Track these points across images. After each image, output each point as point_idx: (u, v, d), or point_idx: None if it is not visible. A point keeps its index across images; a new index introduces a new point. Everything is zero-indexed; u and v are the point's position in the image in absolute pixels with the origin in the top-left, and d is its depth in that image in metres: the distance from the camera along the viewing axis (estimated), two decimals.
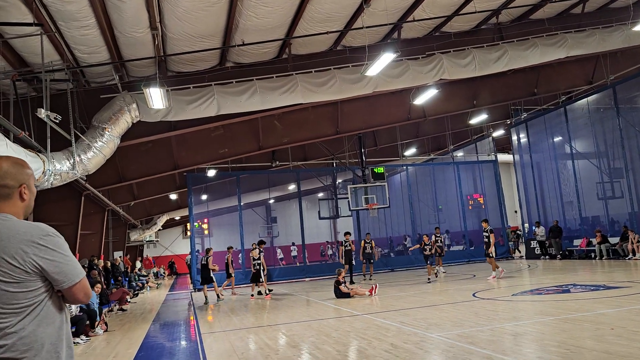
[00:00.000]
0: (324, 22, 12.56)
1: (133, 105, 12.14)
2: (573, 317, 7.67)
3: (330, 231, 34.55)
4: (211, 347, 8.06)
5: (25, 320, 1.92)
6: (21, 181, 2.10)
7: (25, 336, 1.91)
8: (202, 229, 30.70)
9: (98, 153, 11.80)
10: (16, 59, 10.73)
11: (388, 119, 19.64)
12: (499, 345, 6.21)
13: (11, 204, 2.07)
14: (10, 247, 1.93)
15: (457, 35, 15.44)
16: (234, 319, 11.17)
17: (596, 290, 10.58)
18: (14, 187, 2.08)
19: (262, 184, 26.45)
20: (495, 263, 15.06)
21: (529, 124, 23.87)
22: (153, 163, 18.47)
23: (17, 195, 2.09)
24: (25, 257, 1.93)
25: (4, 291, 1.91)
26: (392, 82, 13.68)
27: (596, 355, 5.31)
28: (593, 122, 20.77)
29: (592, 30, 15.47)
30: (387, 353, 6.34)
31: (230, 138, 18.42)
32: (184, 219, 37.23)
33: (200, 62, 13.36)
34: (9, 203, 2.06)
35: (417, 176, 27.88)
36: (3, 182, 2.06)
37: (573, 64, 19.78)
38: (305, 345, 7.46)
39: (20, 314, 1.92)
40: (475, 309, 9.50)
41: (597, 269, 15.58)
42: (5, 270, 1.91)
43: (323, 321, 9.73)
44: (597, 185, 20.80)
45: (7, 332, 1.89)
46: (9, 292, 1.91)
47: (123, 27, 10.55)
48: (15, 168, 2.11)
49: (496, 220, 25.88)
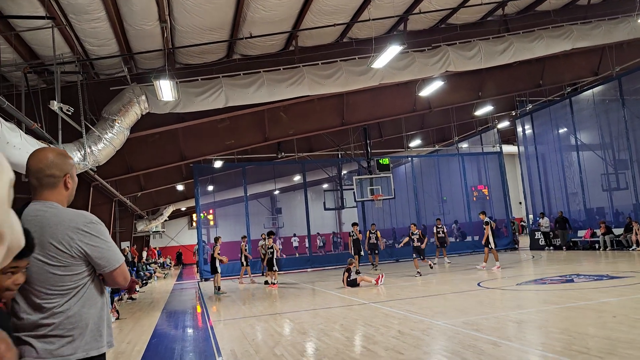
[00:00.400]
0: (330, 15, 12.64)
1: (142, 97, 12.29)
2: (576, 306, 7.82)
3: (336, 222, 34.74)
4: (222, 333, 8.27)
5: (71, 302, 2.08)
6: (65, 171, 2.24)
7: (71, 316, 2.07)
8: (207, 220, 30.98)
9: (108, 144, 11.97)
10: (27, 51, 10.88)
11: (393, 110, 19.71)
12: (503, 332, 6.38)
13: (57, 193, 2.21)
14: (57, 233, 2.07)
15: (463, 27, 15.49)
16: (243, 308, 11.38)
17: (599, 280, 10.72)
18: (59, 176, 2.21)
19: (268, 175, 26.63)
20: (496, 254, 15.19)
21: (534, 116, 23.89)
22: (160, 154, 18.63)
23: (62, 185, 2.23)
24: (71, 242, 2.08)
25: (52, 274, 2.06)
26: (398, 74, 13.76)
27: (598, 341, 5.47)
28: (598, 114, 20.78)
29: (598, 22, 15.48)
30: (394, 339, 6.51)
31: (237, 129, 18.55)
32: (190, 210, 37.52)
33: (208, 55, 13.47)
34: (54, 191, 2.20)
35: (422, 167, 27.97)
36: (50, 172, 2.19)
37: (579, 56, 19.76)
38: (313, 332, 7.64)
39: (66, 296, 2.08)
40: (480, 298, 9.67)
41: (600, 260, 15.71)
42: (53, 254, 2.06)
43: (331, 309, 9.92)
44: (602, 176, 20.83)
45: (55, 312, 2.05)
46: (57, 275, 2.06)
47: (132, 20, 10.67)
48: (60, 158, 2.24)
49: (501, 212, 26.01)
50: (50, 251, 2.06)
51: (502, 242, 24.63)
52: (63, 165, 2.24)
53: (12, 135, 8.35)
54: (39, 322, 2.03)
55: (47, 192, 2.19)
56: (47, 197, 2.18)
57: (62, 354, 2.03)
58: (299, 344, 6.91)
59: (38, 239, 2.02)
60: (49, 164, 2.19)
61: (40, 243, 2.04)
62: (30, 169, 2.19)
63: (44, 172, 2.18)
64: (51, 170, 2.19)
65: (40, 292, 2.04)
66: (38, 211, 2.12)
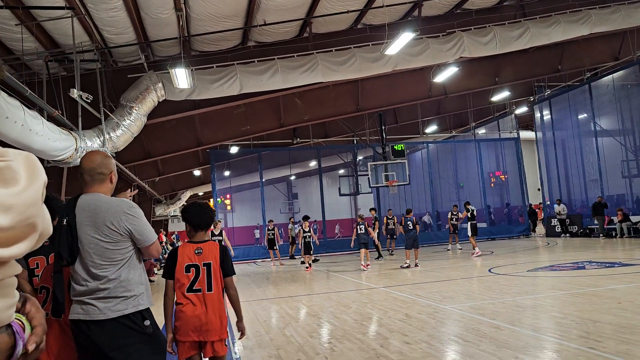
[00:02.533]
0: (344, 1, 12.67)
1: (159, 84, 12.54)
2: (583, 292, 7.91)
3: (351, 208, 34.90)
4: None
5: (121, 270, 2.66)
6: (111, 169, 2.83)
7: (122, 281, 2.65)
8: (224, 205, 31.41)
9: (126, 131, 12.27)
10: (48, 40, 11.18)
11: (409, 96, 19.70)
12: (507, 317, 6.51)
13: (104, 186, 2.79)
14: (109, 216, 2.65)
15: (478, 13, 15.36)
16: (257, 290, 11.67)
17: (611, 267, 10.74)
18: (106, 174, 2.80)
19: (283, 160, 26.83)
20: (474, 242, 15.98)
21: (552, 101, 23.60)
22: (177, 140, 18.96)
23: (108, 180, 2.82)
24: (120, 223, 2.66)
25: (105, 249, 2.64)
26: (412, 60, 13.77)
27: (599, 327, 5.58)
28: (618, 99, 20.45)
29: (617, 6, 15.22)
30: (401, 322, 6.70)
31: (252, 116, 18.75)
32: (207, 195, 37.98)
33: (223, 42, 13.63)
34: (102, 185, 2.79)
35: (438, 153, 27.90)
36: (100, 170, 2.77)
37: (599, 40, 19.43)
38: (324, 315, 7.87)
39: (117, 265, 2.66)
40: (489, 284, 9.79)
41: (616, 247, 15.63)
42: (107, 233, 2.64)
43: (342, 293, 10.14)
44: (621, 163, 20.59)
45: (110, 278, 2.63)
46: (109, 249, 2.64)
47: (149, 9, 10.87)
48: (107, 160, 2.83)
49: (517, 198, 25.91)
50: (105, 231, 2.63)
51: (519, 229, 24.62)
52: (109, 164, 2.82)
53: (34, 123, 8.66)
54: (97, 287, 2.60)
55: (96, 185, 2.77)
56: (96, 189, 2.77)
57: (118, 309, 2.60)
58: (309, 325, 7.15)
59: (93, 222, 2.63)
60: (99, 164, 2.78)
61: (95, 225, 2.63)
62: (84, 168, 2.77)
63: (95, 171, 2.76)
64: (101, 169, 2.78)
65: (97, 264, 2.62)
66: (91, 201, 2.70)
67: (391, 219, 19.10)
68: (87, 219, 2.64)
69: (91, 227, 2.62)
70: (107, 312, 2.58)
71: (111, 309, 2.58)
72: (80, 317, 2.59)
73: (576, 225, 21.54)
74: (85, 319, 2.58)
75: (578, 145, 22.62)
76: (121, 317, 2.59)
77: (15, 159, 0.87)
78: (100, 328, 2.57)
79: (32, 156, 0.93)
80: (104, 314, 2.57)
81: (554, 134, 23.92)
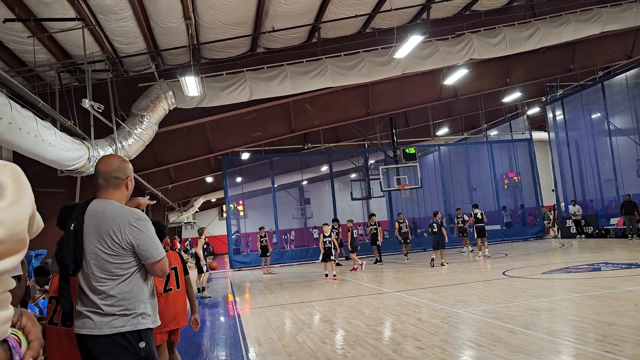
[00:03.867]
0: (352, 6, 12.68)
1: (169, 92, 12.63)
2: (599, 294, 7.79)
3: (363, 212, 34.81)
4: (248, 321, 8.56)
5: (120, 286, 2.46)
6: (127, 174, 2.65)
7: (122, 298, 2.46)
8: (237, 211, 31.51)
9: (138, 139, 12.37)
10: (60, 51, 11.32)
11: (419, 99, 19.62)
12: (521, 320, 6.43)
13: (119, 192, 2.61)
14: (112, 226, 2.45)
15: (487, 14, 15.28)
16: (270, 297, 11.68)
17: (628, 268, 10.58)
18: (122, 179, 2.62)
19: (295, 166, 26.87)
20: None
21: (564, 101, 23.36)
22: (189, 148, 19.07)
23: (124, 185, 2.64)
24: (123, 235, 2.44)
25: (106, 261, 2.45)
26: (422, 63, 13.72)
27: (615, 329, 5.48)
28: (632, 97, 20.18)
29: (629, 3, 15.03)
30: (413, 327, 6.65)
31: (263, 122, 18.81)
32: (220, 201, 38.15)
33: (232, 49, 13.71)
34: (117, 191, 2.61)
35: (450, 156, 27.74)
36: (116, 175, 2.59)
37: (611, 38, 19.21)
38: (337, 320, 7.85)
39: (116, 280, 2.46)
40: (503, 287, 9.69)
41: (633, 248, 15.39)
42: (109, 244, 2.44)
43: (354, 298, 10.11)
44: (637, 162, 20.30)
45: (109, 294, 2.45)
46: (109, 262, 2.45)
47: (158, 18, 10.97)
48: (124, 164, 2.65)
49: (531, 199, 25.66)
50: (107, 241, 2.45)
51: (532, 231, 24.37)
52: (126, 169, 2.65)
53: (47, 133, 8.77)
54: (96, 301, 2.44)
55: (111, 191, 2.59)
56: (110, 195, 2.59)
57: (114, 326, 2.44)
58: (321, 331, 7.12)
59: (97, 230, 2.45)
60: (115, 167, 2.60)
61: (98, 233, 2.45)
62: (100, 171, 2.60)
63: (111, 175, 2.58)
64: (117, 173, 2.60)
65: (96, 276, 2.45)
66: (100, 207, 2.52)
67: (403, 223, 19.03)
68: (93, 227, 2.47)
69: (95, 236, 2.45)
70: (102, 328, 2.43)
71: (107, 324, 2.43)
72: (78, 330, 2.48)
73: (591, 226, 21.26)
74: (82, 333, 2.45)
75: (592, 145, 22.35)
76: (116, 335, 2.43)
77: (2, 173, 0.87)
78: (94, 343, 2.43)
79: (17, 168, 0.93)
80: (99, 329, 2.43)
81: (567, 134, 23.66)
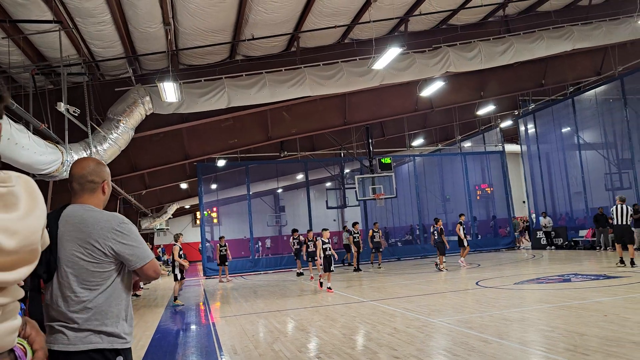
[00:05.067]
0: (332, 16, 12.80)
1: (146, 98, 12.49)
2: (570, 305, 7.99)
3: (338, 221, 34.92)
4: (223, 329, 8.48)
5: (99, 297, 2.30)
6: (104, 178, 2.52)
7: (100, 311, 2.29)
8: (211, 218, 31.22)
9: (113, 144, 12.19)
10: (35, 53, 11.10)
11: (395, 109, 19.85)
12: (495, 330, 6.55)
13: (95, 197, 2.48)
14: (95, 232, 2.30)
15: (463, 28, 15.60)
16: (244, 305, 11.60)
17: (596, 279, 10.87)
18: (98, 182, 2.49)
19: (271, 173, 26.84)
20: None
21: (536, 115, 23.98)
22: (164, 153, 18.87)
23: (100, 190, 2.50)
24: (106, 241, 2.30)
25: (85, 269, 2.29)
26: (399, 75, 13.90)
27: (586, 339, 5.64)
28: (601, 113, 20.86)
29: (599, 22, 15.55)
30: (389, 336, 6.71)
31: (240, 129, 18.75)
32: (194, 208, 37.79)
33: (211, 56, 13.67)
34: (93, 196, 2.47)
35: (425, 166, 28.12)
36: (91, 178, 2.46)
37: (582, 55, 19.82)
38: (312, 329, 7.85)
39: (95, 291, 2.30)
40: (477, 297, 9.84)
41: (601, 259, 15.81)
42: (90, 252, 2.29)
43: (330, 307, 10.12)
44: (605, 176, 20.92)
45: (87, 307, 2.27)
46: (89, 270, 2.29)
47: (137, 23, 10.88)
48: (100, 167, 2.52)
49: (503, 211, 26.15)
50: (88, 248, 2.29)
51: (504, 241, 24.83)
52: (102, 172, 2.52)
53: (20, 136, 8.58)
54: (70, 314, 2.25)
55: (86, 195, 2.46)
56: (86, 200, 2.45)
57: (90, 342, 2.26)
58: (298, 340, 7.12)
59: (76, 237, 2.28)
60: (90, 171, 2.47)
61: (78, 240, 2.28)
62: (74, 175, 2.46)
63: (85, 178, 2.45)
64: (92, 176, 2.47)
65: (73, 287, 2.26)
66: (77, 212, 2.36)
67: (377, 232, 19.25)
68: (70, 233, 2.29)
69: (73, 242, 2.27)
70: (77, 344, 2.23)
71: (82, 340, 2.24)
72: (49, 346, 2.19)
73: (561, 237, 21.78)
74: (53, 349, 2.21)
75: (562, 159, 22.97)
76: (92, 351, 2.25)
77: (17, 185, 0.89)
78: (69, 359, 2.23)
79: (31, 181, 0.95)
80: (74, 345, 2.23)
81: (538, 147, 24.27)
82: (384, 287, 12.99)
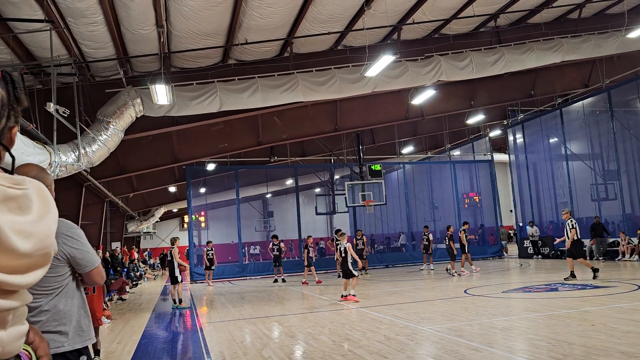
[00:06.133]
0: (325, 23, 12.84)
1: (137, 100, 12.41)
2: (558, 314, 8.03)
3: (327, 227, 34.89)
4: (211, 335, 8.40)
5: (55, 300, 2.34)
6: (48, 183, 2.38)
7: (56, 313, 2.33)
8: (199, 222, 31.01)
9: (102, 146, 12.08)
10: (24, 52, 10.99)
11: (386, 117, 19.95)
12: (485, 338, 6.56)
13: None
14: None
15: (455, 38, 15.74)
16: (232, 310, 11.50)
17: (583, 289, 10.95)
18: None
19: (260, 178, 26.76)
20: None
21: (525, 125, 24.20)
22: (153, 156, 18.75)
23: None
24: (58, 246, 2.20)
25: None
26: (391, 82, 13.97)
27: (574, 349, 5.66)
28: (588, 125, 21.10)
29: (588, 35, 15.78)
30: (380, 344, 6.68)
31: (230, 133, 18.71)
32: (181, 212, 37.53)
33: (203, 59, 13.63)
34: None
35: (414, 174, 28.23)
36: None
37: (570, 67, 20.09)
38: (302, 336, 7.80)
39: (51, 295, 2.34)
40: (465, 305, 9.85)
41: (587, 269, 15.92)
42: None
43: (319, 313, 10.07)
44: (591, 186, 21.14)
45: (42, 310, 2.30)
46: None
47: (130, 24, 10.82)
48: (43, 173, 2.46)
49: (491, 219, 26.31)
50: None
51: (492, 250, 24.96)
52: (44, 179, 2.39)
53: None
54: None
55: None
56: None
57: (52, 346, 2.21)
58: (287, 346, 7.07)
59: None
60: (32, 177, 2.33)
61: None
62: None
63: None
64: None
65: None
66: None
67: (360, 239, 19.34)
68: None
69: None
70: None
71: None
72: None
73: (548, 247, 21.95)
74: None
75: (549, 169, 23.19)
76: (55, 355, 2.23)
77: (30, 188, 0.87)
78: None
79: (41, 185, 0.93)
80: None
81: (526, 157, 24.48)
82: (373, 294, 12.97)
